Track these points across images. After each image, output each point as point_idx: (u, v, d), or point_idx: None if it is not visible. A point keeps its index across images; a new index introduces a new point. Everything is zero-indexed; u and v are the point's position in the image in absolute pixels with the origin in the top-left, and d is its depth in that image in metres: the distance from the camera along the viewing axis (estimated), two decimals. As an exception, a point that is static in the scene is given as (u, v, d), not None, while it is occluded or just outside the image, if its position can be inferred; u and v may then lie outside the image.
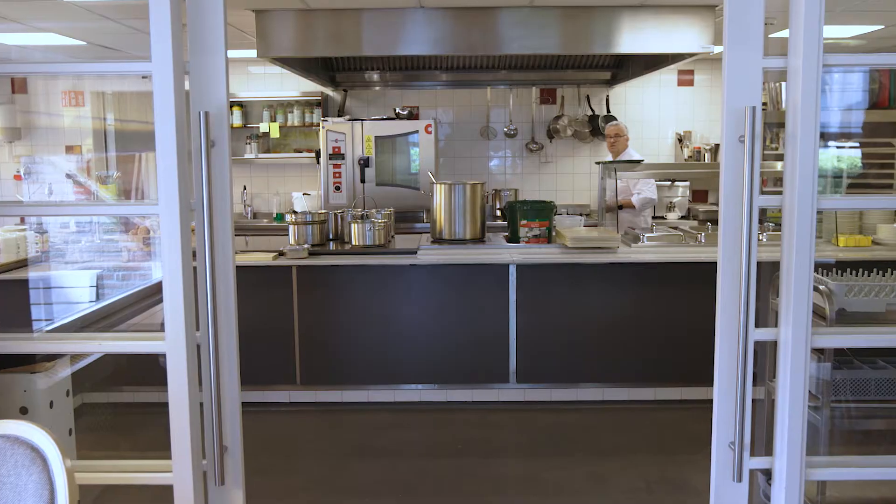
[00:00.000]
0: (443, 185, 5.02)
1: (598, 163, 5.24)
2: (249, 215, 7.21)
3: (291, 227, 4.93)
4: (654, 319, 4.62)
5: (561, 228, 5.09)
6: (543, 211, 5.08)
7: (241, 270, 4.63)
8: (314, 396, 4.66)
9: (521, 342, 4.59)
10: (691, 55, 4.90)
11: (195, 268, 2.49)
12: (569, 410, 4.62)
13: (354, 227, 4.83)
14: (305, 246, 4.65)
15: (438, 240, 5.05)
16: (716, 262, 2.57)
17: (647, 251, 4.78)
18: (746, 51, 2.45)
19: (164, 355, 2.47)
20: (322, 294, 4.58)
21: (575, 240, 4.72)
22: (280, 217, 7.09)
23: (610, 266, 4.59)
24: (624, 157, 5.92)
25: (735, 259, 2.51)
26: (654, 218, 6.95)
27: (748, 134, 2.43)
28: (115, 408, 4.47)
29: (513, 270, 4.55)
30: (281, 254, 4.63)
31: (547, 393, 4.68)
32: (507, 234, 5.41)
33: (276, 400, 4.66)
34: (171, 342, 2.44)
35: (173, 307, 2.42)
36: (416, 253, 4.71)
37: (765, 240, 4.92)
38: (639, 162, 5.39)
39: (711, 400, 2.63)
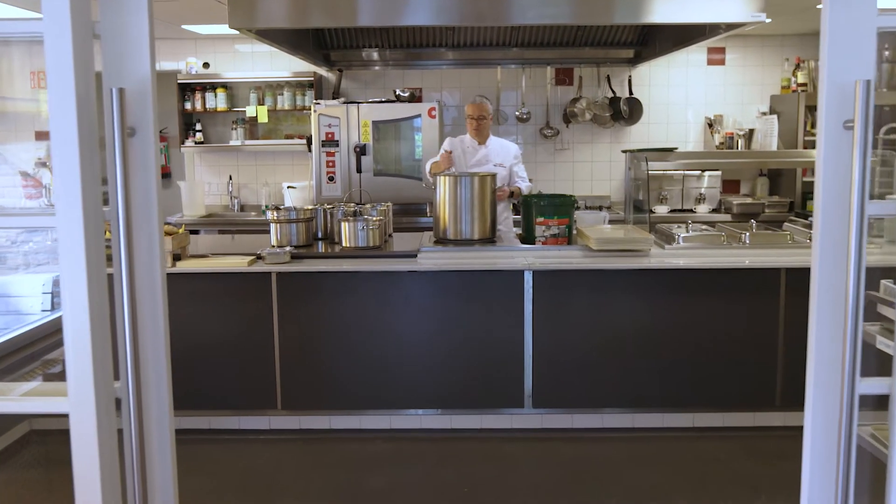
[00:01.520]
0: (447, 178, 4.37)
1: (625, 151, 4.59)
2: (236, 208, 6.58)
3: (273, 227, 4.29)
4: (692, 335, 3.97)
5: (583, 227, 4.44)
6: (563, 206, 4.43)
7: (212, 278, 4.03)
8: (297, 423, 4.04)
9: (537, 360, 3.95)
10: (736, 26, 4.21)
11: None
12: (593, 440, 3.98)
13: (345, 227, 4.18)
14: (287, 249, 4.02)
15: (442, 240, 4.40)
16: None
17: (684, 254, 4.12)
18: (855, 7, 1.79)
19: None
20: (307, 305, 3.95)
21: (601, 241, 4.07)
22: (268, 209, 6.44)
23: (641, 273, 3.94)
24: (492, 143, 5.04)
25: (835, 285, 1.85)
26: (680, 211, 6.30)
27: (859, 117, 1.76)
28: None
29: (528, 277, 3.91)
30: (259, 258, 3.99)
31: (567, 419, 4.05)
32: (519, 231, 4.77)
33: (253, 427, 4.04)
34: (75, 400, 1.81)
35: (78, 354, 1.79)
36: (415, 256, 4.08)
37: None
38: (672, 150, 4.71)
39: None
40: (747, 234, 4.30)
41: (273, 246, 4.27)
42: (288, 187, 4.51)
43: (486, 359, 3.97)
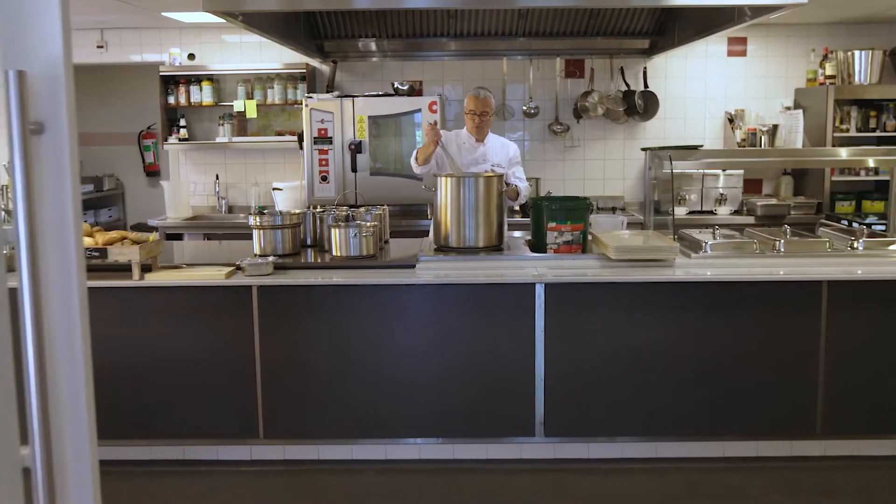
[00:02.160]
0: (449, 179, 3.95)
1: (645, 149, 4.16)
2: (224, 210, 6.16)
3: (255, 234, 3.88)
4: (722, 355, 3.55)
5: (599, 233, 4.02)
6: (577, 210, 4.01)
7: (186, 292, 3.44)
8: (282, 453, 3.62)
9: (550, 383, 3.53)
10: (771, 9, 3.77)
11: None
12: (612, 472, 3.57)
13: (335, 234, 3.76)
14: (270, 259, 3.59)
15: (444, 248, 3.98)
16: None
17: (712, 264, 3.70)
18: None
19: None
20: (291, 321, 3.53)
21: (620, 249, 3.64)
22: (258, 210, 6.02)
23: (666, 286, 3.52)
24: (492, 141, 4.53)
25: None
26: (700, 213, 5.87)
27: None
28: None
29: (540, 291, 3.48)
30: (238, 269, 3.58)
31: (583, 449, 3.63)
32: (529, 237, 4.35)
33: (232, 457, 3.62)
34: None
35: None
36: (414, 267, 3.66)
37: (861, 249, 3.84)
38: (696, 148, 4.27)
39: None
40: (781, 241, 3.87)
41: (256, 255, 3.86)
42: (274, 189, 4.09)
43: (493, 382, 3.55)
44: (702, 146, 4.71)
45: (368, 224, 3.87)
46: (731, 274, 3.54)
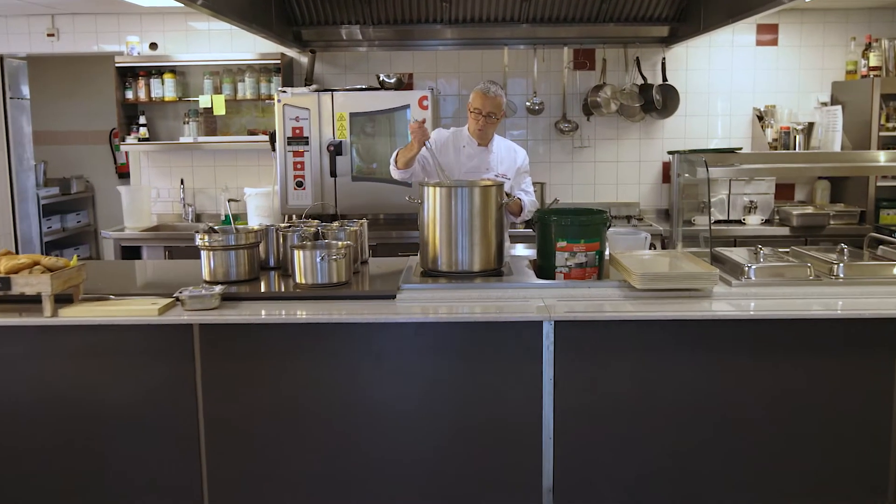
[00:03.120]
0: (438, 189, 3.27)
1: (672, 152, 3.49)
2: (190, 218, 5.49)
3: (203, 256, 3.20)
4: (773, 407, 2.88)
5: (618, 254, 3.34)
6: (592, 226, 3.33)
7: (108, 332, 2.61)
8: (232, 529, 2.95)
9: (561, 443, 2.86)
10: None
11: None
12: (637, 553, 2.89)
13: (298, 258, 3.09)
14: (216, 289, 2.91)
15: (431, 272, 3.32)
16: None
17: (758, 294, 3.02)
18: None
19: None
20: (242, 368, 2.86)
21: (647, 277, 2.97)
22: (228, 220, 5.35)
23: (704, 325, 2.84)
24: (498, 146, 3.88)
25: None
26: (726, 223, 5.20)
27: None
28: None
29: (548, 330, 2.80)
30: (177, 301, 2.90)
31: (601, 522, 2.96)
32: (534, 257, 3.68)
33: (170, 535, 2.95)
34: None
35: None
36: (394, 297, 2.99)
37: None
38: (734, 150, 3.58)
39: None
40: (840, 265, 3.19)
41: (206, 282, 3.19)
42: (229, 200, 3.42)
43: (491, 441, 2.87)
44: (741, 149, 4.05)
45: (340, 245, 3.20)
46: (785, 309, 2.86)
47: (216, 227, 3.34)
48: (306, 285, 3.09)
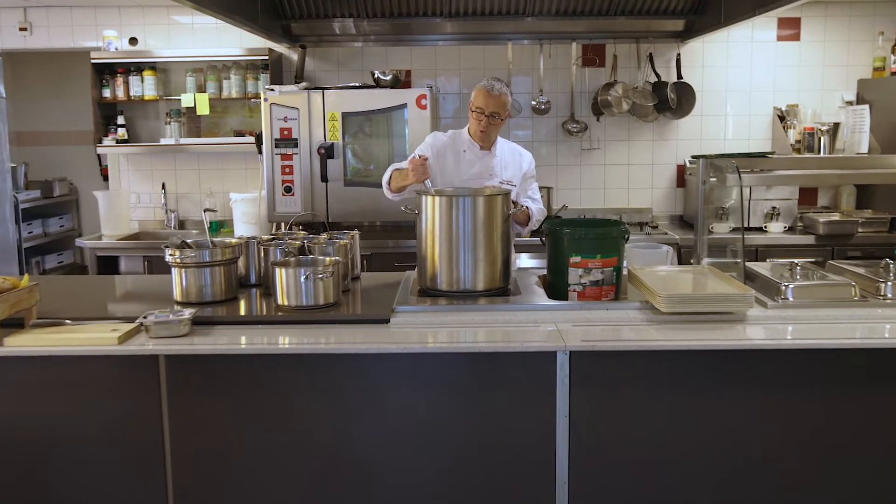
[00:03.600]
0: (437, 199, 2.93)
1: (696, 157, 3.15)
2: (173, 225, 5.14)
3: (174, 273, 2.86)
4: (820, 449, 2.53)
5: (638, 270, 3.00)
6: (608, 240, 2.99)
7: (62, 364, 2.15)
8: (203, 585, 2.60)
9: (576, 488, 2.52)
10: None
11: None
12: None
13: (280, 277, 2.74)
14: (186, 314, 2.57)
15: (430, 291, 2.97)
16: None
17: (798, 318, 2.67)
18: None
19: None
20: (214, 405, 2.51)
21: (673, 300, 2.62)
22: (214, 226, 5.02)
23: (739, 355, 2.49)
24: (502, 149, 3.55)
25: None
26: (746, 230, 4.84)
27: None
28: None
29: (563, 361, 2.46)
30: (141, 328, 2.56)
31: (622, 579, 2.61)
32: (542, 271, 3.33)
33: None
34: None
35: None
36: (388, 321, 2.65)
37: None
38: (765, 155, 3.23)
39: None
40: (888, 283, 2.85)
41: (178, 302, 2.85)
42: (205, 210, 3.07)
43: (499, 486, 2.53)
44: (773, 153, 3.71)
45: (328, 261, 2.85)
46: (831, 337, 2.51)
47: (189, 241, 3.00)
48: (289, 307, 2.75)
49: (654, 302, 2.70)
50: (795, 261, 3.08)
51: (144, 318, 2.55)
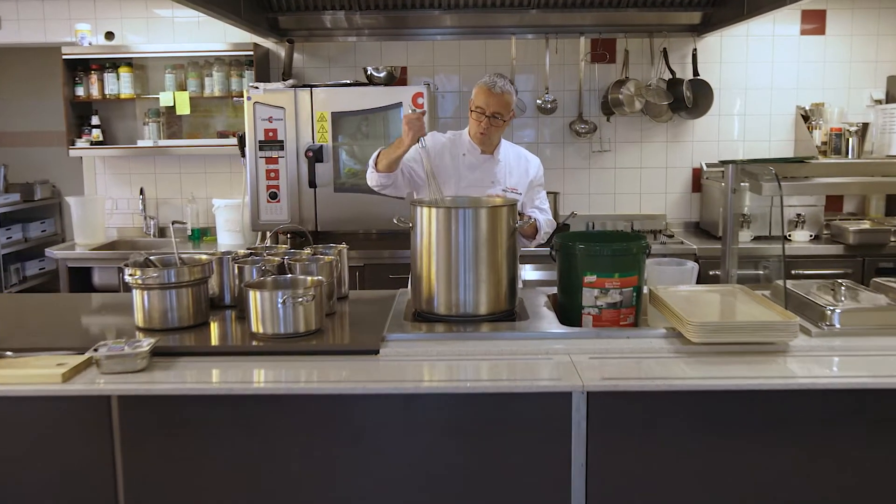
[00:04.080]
0: (433, 211, 2.58)
1: (725, 162, 2.81)
2: (152, 232, 4.80)
3: (136, 296, 2.52)
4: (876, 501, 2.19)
5: (661, 292, 2.66)
6: (628, 256, 2.64)
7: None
8: None
9: (595, 550, 2.17)
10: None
11: None
12: None
13: (254, 301, 2.39)
14: (143, 345, 2.22)
15: (426, 315, 2.63)
16: None
17: (848, 348, 2.33)
18: None
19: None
20: (176, 452, 2.16)
21: (707, 330, 2.28)
22: (196, 234, 4.67)
23: (787, 396, 2.14)
24: (506, 153, 3.20)
25: None
26: (768, 239, 4.49)
27: None
28: None
29: (579, 402, 2.11)
30: (92, 361, 2.21)
31: None
32: (553, 292, 2.98)
33: None
34: None
35: None
36: (377, 352, 2.31)
37: None
38: (805, 160, 2.88)
39: None
40: (946, 306, 2.50)
41: (139, 328, 2.51)
42: (174, 223, 2.72)
43: (503, 547, 2.18)
44: (814, 158, 3.37)
45: (310, 282, 2.51)
46: (885, 375, 2.17)
47: (153, 257, 2.65)
48: (265, 335, 2.40)
49: (682, 330, 2.36)
50: (840, 281, 2.73)
51: (95, 350, 2.20)
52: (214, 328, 2.59)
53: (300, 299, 2.38)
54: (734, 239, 2.91)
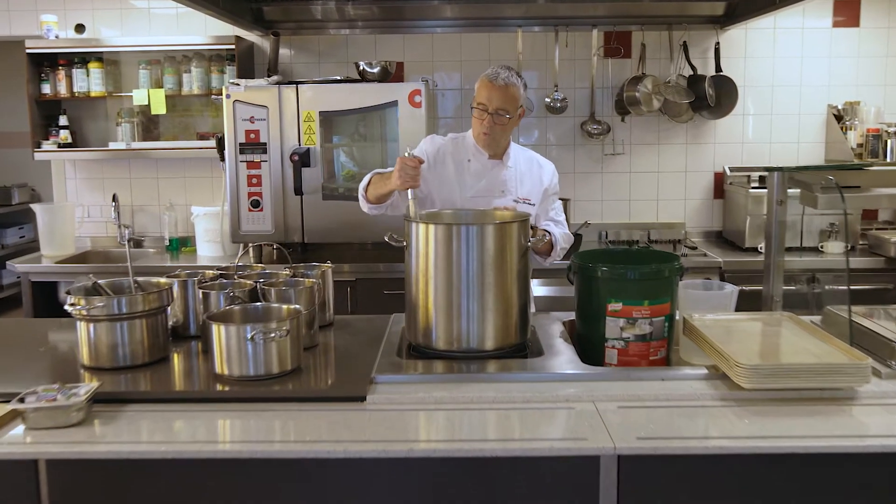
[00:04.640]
0: (431, 227, 2.20)
1: (770, 169, 2.42)
2: (126, 242, 4.39)
3: (80, 329, 2.14)
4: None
5: (698, 322, 2.27)
6: (660, 280, 2.26)
7: None
8: None
9: None
10: None
11: None
12: None
13: (219, 337, 2.01)
14: (80, 393, 1.84)
15: (422, 350, 2.25)
16: None
17: (928, 394, 1.95)
18: None
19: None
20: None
21: (761, 374, 1.90)
22: (175, 244, 4.29)
23: (864, 461, 1.76)
24: (516, 158, 2.81)
25: None
26: (798, 250, 4.10)
27: None
28: None
29: (609, 467, 1.73)
30: (17, 415, 1.83)
31: None
32: (570, 318, 2.60)
33: None
34: None
35: None
36: (363, 399, 1.93)
37: None
38: (861, 167, 2.49)
39: None
40: None
41: (84, 366, 2.13)
42: (129, 240, 2.35)
43: None
44: (871, 165, 2.99)
45: (285, 312, 2.13)
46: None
47: (101, 282, 2.27)
48: (231, 378, 2.02)
49: (728, 372, 1.98)
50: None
51: (21, 399, 1.82)
52: (176, 365, 2.21)
53: (272, 334, 2.00)
54: (780, 257, 2.52)
